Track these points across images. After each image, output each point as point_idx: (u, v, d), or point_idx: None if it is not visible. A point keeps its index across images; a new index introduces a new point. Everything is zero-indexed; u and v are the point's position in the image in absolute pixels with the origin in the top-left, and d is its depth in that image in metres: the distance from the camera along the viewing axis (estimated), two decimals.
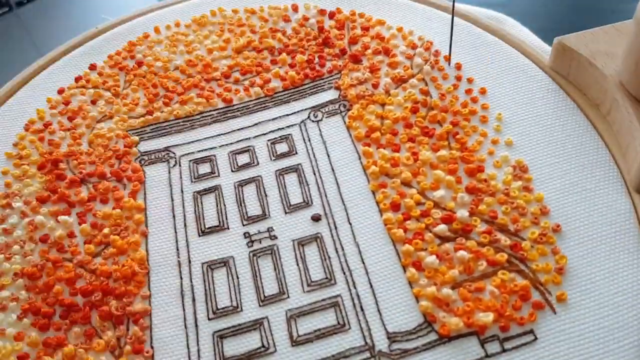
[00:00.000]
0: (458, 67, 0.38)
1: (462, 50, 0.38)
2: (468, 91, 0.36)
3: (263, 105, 0.38)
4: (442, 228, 0.31)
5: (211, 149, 0.36)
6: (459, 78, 0.37)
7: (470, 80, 0.37)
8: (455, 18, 0.41)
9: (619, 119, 0.32)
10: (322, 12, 0.42)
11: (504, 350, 0.27)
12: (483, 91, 0.36)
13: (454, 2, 0.36)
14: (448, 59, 0.37)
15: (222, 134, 0.37)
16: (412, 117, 0.35)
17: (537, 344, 0.27)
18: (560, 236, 0.30)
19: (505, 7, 0.42)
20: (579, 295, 0.28)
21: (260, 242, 0.32)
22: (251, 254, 0.31)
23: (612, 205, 0.31)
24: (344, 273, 0.30)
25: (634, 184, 0.31)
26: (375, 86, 0.37)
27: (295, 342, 0.28)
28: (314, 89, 0.38)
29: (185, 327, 0.29)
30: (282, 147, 0.36)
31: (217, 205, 0.34)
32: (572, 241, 0.30)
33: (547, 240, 0.30)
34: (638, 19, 0.30)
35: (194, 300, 0.30)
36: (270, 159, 0.35)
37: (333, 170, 0.34)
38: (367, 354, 0.27)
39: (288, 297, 0.30)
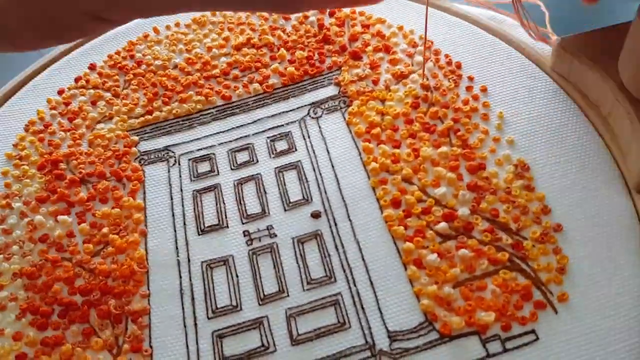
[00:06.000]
0: (458, 65, 0.37)
1: (463, 50, 0.38)
2: (469, 88, 0.36)
3: (262, 102, 0.37)
4: (443, 226, 0.30)
5: (210, 147, 0.36)
6: (459, 76, 0.37)
7: (471, 78, 0.37)
8: (455, 18, 0.40)
9: (620, 119, 0.32)
10: (322, 10, 0.42)
11: (506, 350, 0.26)
12: (484, 89, 0.36)
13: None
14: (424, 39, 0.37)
15: (221, 132, 0.36)
16: (412, 112, 0.35)
17: (538, 343, 0.26)
18: (562, 236, 0.30)
19: (505, 7, 0.42)
20: (581, 295, 0.28)
21: (259, 240, 0.32)
22: (251, 253, 0.31)
23: (613, 205, 0.30)
24: (344, 271, 0.30)
25: (634, 184, 0.31)
26: (375, 82, 0.37)
27: (296, 341, 0.28)
28: (314, 85, 0.38)
29: (185, 326, 0.29)
30: (281, 145, 0.35)
31: (216, 204, 0.33)
32: (574, 241, 0.29)
33: (548, 240, 0.29)
34: (637, 20, 0.30)
35: (193, 299, 0.30)
36: (270, 157, 0.35)
37: (333, 166, 0.34)
38: (368, 353, 0.27)
39: (288, 295, 0.29)
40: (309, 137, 0.35)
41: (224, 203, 0.33)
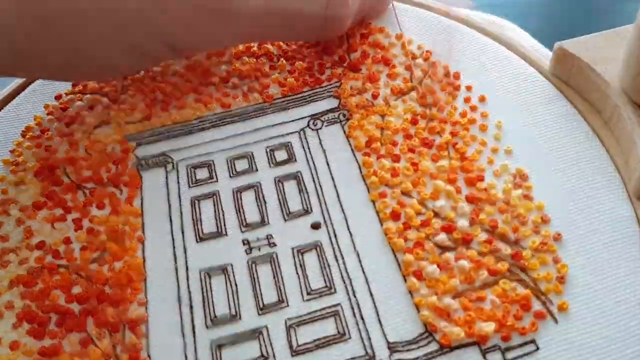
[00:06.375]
0: (457, 76, 0.37)
1: (462, 57, 0.38)
2: (467, 99, 0.36)
3: (262, 112, 0.37)
4: (442, 238, 0.31)
5: (209, 154, 0.36)
6: (457, 87, 0.37)
7: (469, 88, 0.37)
8: (452, 22, 0.41)
9: (621, 125, 0.32)
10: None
11: None
12: (482, 99, 0.36)
13: None
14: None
15: (220, 139, 0.36)
16: (411, 128, 0.35)
17: (539, 353, 0.26)
18: (561, 245, 0.30)
19: (504, 10, 0.43)
20: (581, 304, 0.28)
21: (259, 250, 0.32)
22: (250, 262, 0.31)
23: (614, 213, 0.31)
24: (344, 282, 0.30)
25: (635, 191, 0.31)
26: (375, 96, 0.37)
27: (295, 352, 0.28)
28: (313, 97, 0.38)
29: (183, 335, 0.29)
30: (281, 155, 0.35)
31: (215, 211, 0.33)
32: (573, 250, 0.30)
33: (548, 249, 0.30)
34: (638, 24, 0.30)
35: (191, 307, 0.30)
36: (269, 166, 0.35)
37: (333, 178, 0.34)
38: None
39: (287, 305, 0.29)
40: (308, 148, 0.35)
41: (223, 210, 0.33)
